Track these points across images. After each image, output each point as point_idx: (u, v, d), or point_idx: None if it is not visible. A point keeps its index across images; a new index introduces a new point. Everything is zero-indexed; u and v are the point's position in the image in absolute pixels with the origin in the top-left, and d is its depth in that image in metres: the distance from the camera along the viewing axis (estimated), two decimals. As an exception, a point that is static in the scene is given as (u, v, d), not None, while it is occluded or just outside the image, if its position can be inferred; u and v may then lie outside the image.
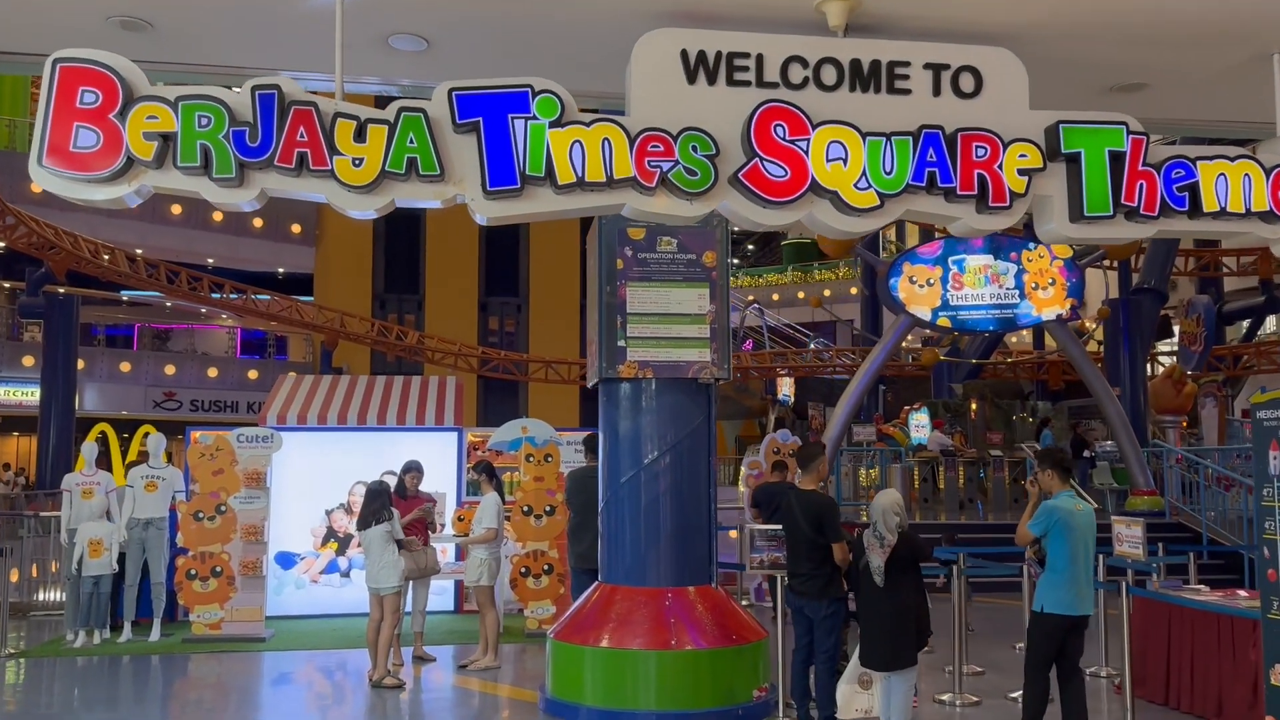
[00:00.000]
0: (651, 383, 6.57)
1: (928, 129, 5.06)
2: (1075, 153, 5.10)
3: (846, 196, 4.99)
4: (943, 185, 4.96)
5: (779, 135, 4.94)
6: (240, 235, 28.77)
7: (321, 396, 10.67)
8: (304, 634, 9.55)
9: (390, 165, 4.79)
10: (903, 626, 5.23)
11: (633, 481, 6.57)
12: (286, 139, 4.67)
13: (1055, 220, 5.25)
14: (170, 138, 4.58)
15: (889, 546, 5.17)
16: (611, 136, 4.87)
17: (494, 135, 4.80)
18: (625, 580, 6.57)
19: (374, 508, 7.40)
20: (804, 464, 5.94)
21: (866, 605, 5.39)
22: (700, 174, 4.93)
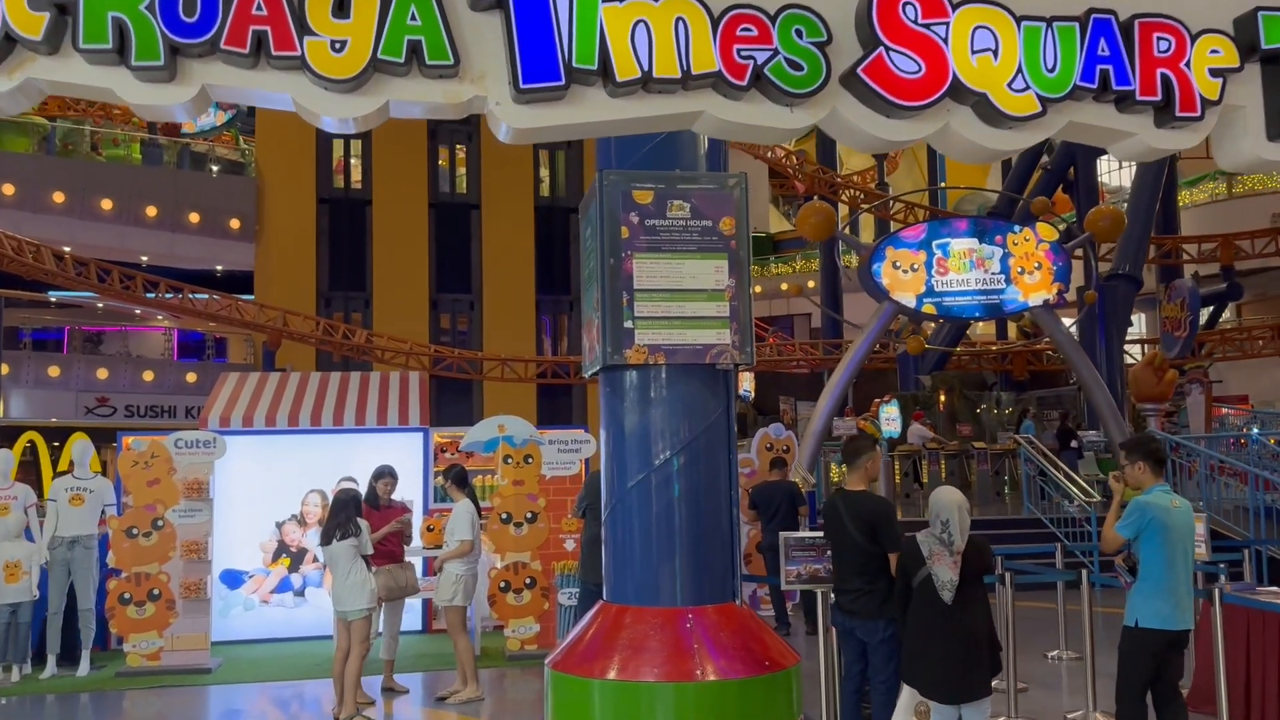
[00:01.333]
0: (663, 370, 5.67)
1: (1097, 14, 3.90)
2: (1277, 50, 3.99)
3: (998, 100, 3.80)
4: (1118, 88, 3.77)
5: (909, 17, 3.77)
6: (176, 231, 27.37)
7: (269, 396, 9.61)
8: (255, 662, 8.50)
9: (384, 51, 3.41)
10: (976, 650, 4.39)
11: (642, 485, 5.65)
12: (238, 11, 3.29)
13: (1248, 138, 4.14)
14: (69, 8, 3.20)
15: (959, 555, 4.33)
16: (688, 15, 3.69)
17: (528, 12, 3.59)
18: (635, 599, 5.65)
19: (340, 519, 6.43)
20: (850, 460, 5.09)
21: (924, 625, 4.53)
22: (807, 68, 3.75)
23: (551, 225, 30.04)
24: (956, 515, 4.36)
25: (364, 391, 9.83)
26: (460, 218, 29.82)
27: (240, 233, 28.25)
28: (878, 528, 4.82)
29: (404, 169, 28.63)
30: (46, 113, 30.89)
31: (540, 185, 30.14)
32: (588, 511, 6.61)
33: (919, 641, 4.54)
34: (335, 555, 6.40)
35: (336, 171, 28.89)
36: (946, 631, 4.43)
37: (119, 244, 26.66)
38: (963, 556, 4.37)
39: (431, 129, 28.99)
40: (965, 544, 4.38)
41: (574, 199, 29.91)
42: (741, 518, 7.41)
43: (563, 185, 30.40)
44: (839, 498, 5.06)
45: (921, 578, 4.46)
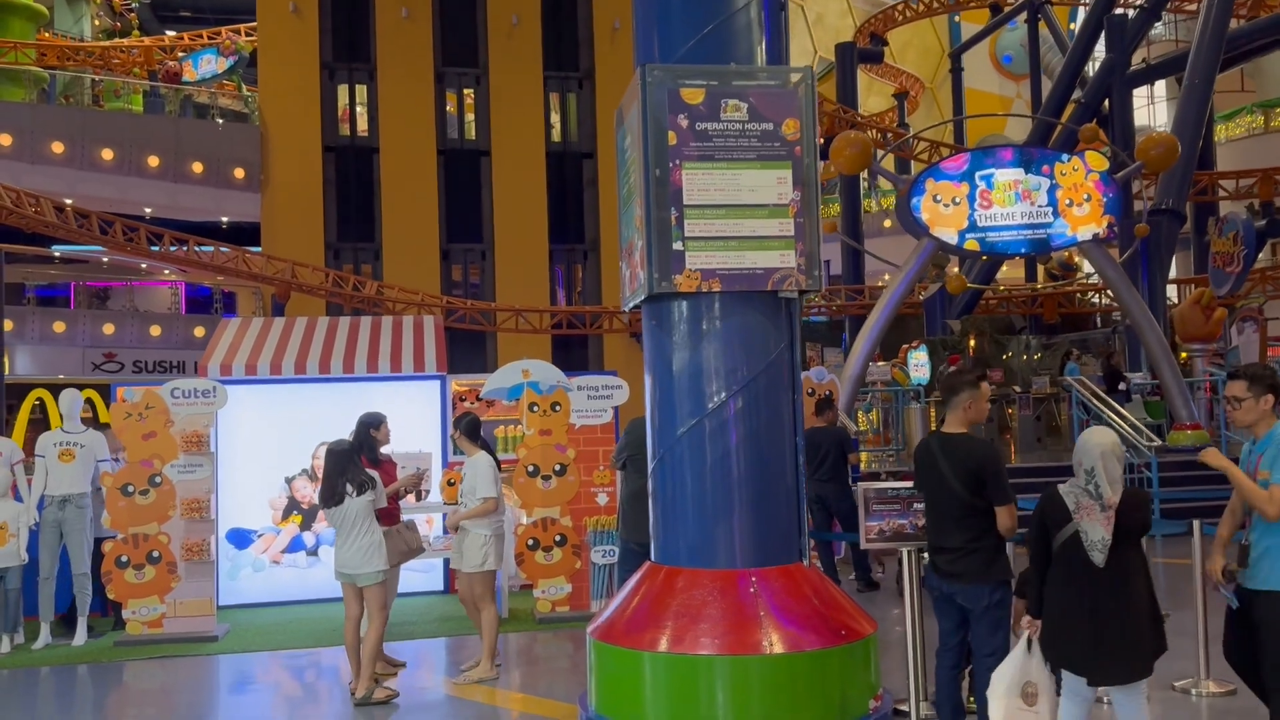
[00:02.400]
0: (716, 299, 4.94)
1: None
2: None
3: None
4: None
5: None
6: (179, 182, 26.59)
7: (273, 343, 8.92)
8: (266, 628, 7.89)
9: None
10: (1135, 623, 3.67)
11: (694, 433, 4.96)
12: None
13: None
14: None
15: (1112, 509, 3.60)
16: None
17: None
18: (688, 560, 4.98)
19: (347, 473, 5.75)
20: (948, 397, 4.36)
21: (1070, 593, 3.72)
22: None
23: (564, 171, 29.16)
24: (1102, 463, 3.62)
25: (375, 337, 9.12)
26: (470, 165, 28.96)
27: (245, 183, 27.48)
28: (984, 476, 4.11)
29: (411, 115, 27.72)
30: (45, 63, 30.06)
31: (551, 130, 29.19)
32: (628, 463, 5.91)
33: (1064, 612, 3.75)
34: (348, 514, 5.73)
35: (342, 120, 28.00)
36: (1098, 600, 3.67)
37: (121, 195, 25.98)
38: (1116, 511, 3.62)
39: (439, 73, 28.07)
40: (1119, 496, 3.64)
41: (586, 144, 29.00)
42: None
43: (574, 130, 29.44)
44: (935, 442, 4.34)
45: (1065, 537, 3.71)
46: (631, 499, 5.86)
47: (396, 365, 8.75)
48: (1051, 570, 3.80)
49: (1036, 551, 3.85)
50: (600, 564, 7.66)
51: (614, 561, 7.67)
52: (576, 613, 7.68)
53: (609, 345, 28.08)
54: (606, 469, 7.84)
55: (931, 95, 43.81)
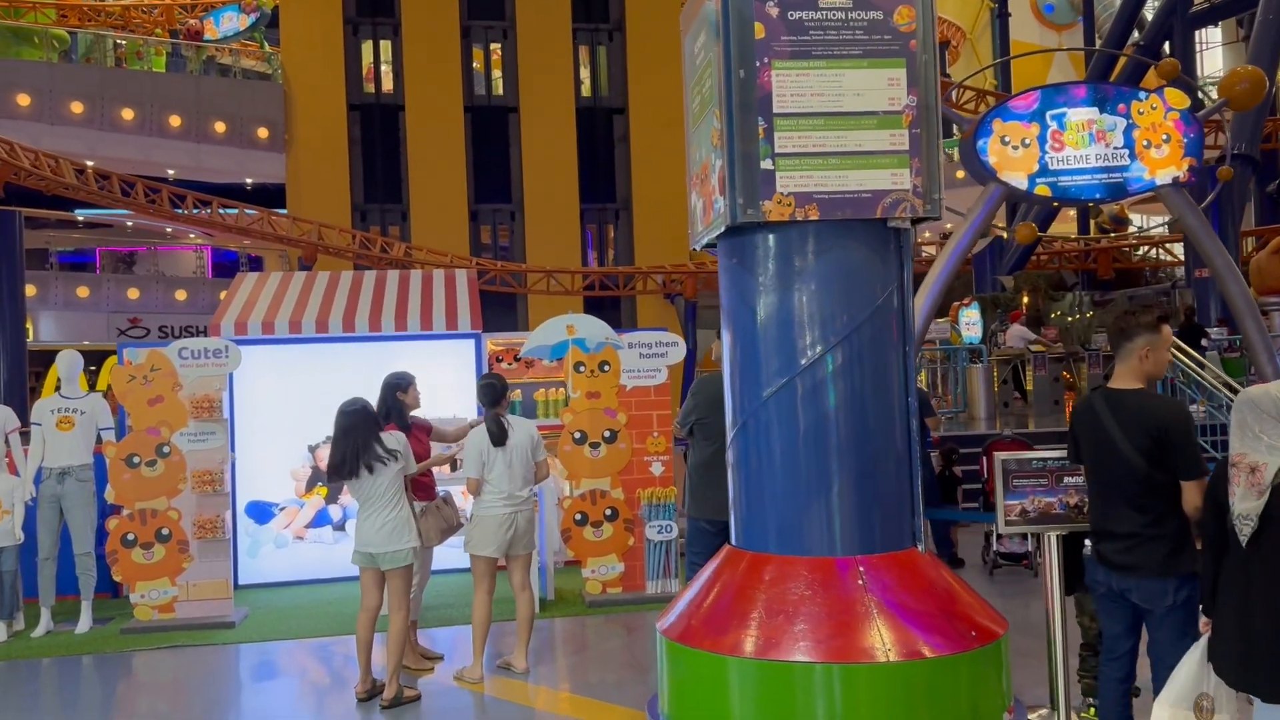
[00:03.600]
0: (812, 230, 4.07)
1: None
2: None
3: None
4: None
5: None
6: (201, 142, 25.94)
7: (293, 298, 8.14)
8: (288, 612, 7.18)
9: None
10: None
11: (784, 395, 4.11)
12: None
13: None
14: None
15: (1265, 483, 2.75)
16: None
17: None
18: (778, 546, 4.15)
19: (367, 439, 4.97)
20: (1118, 343, 3.49)
21: (1229, 582, 2.98)
22: None
23: (594, 128, 28.23)
24: (1255, 417, 2.77)
25: (404, 293, 8.33)
26: (498, 122, 28.10)
27: (269, 143, 26.79)
28: (1169, 443, 3.25)
29: (437, 71, 26.89)
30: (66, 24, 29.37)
31: (581, 86, 28.22)
32: (696, 428, 5.09)
33: (1223, 606, 2.99)
34: (375, 487, 4.96)
35: (366, 78, 27.18)
36: (1248, 594, 2.86)
37: (143, 156, 25.39)
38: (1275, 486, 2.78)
39: (464, 28, 27.19)
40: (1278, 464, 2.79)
41: (617, 99, 28.05)
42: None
43: (605, 85, 28.47)
44: (1101, 400, 3.48)
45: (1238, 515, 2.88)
46: (702, 470, 5.05)
47: (427, 323, 7.95)
48: (1225, 554, 2.97)
49: (1209, 533, 3.00)
50: (656, 540, 6.87)
51: (671, 538, 6.89)
52: (630, 594, 6.92)
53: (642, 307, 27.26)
54: (661, 435, 7.03)
55: (971, 46, 42.28)
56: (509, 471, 5.30)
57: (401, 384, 5.66)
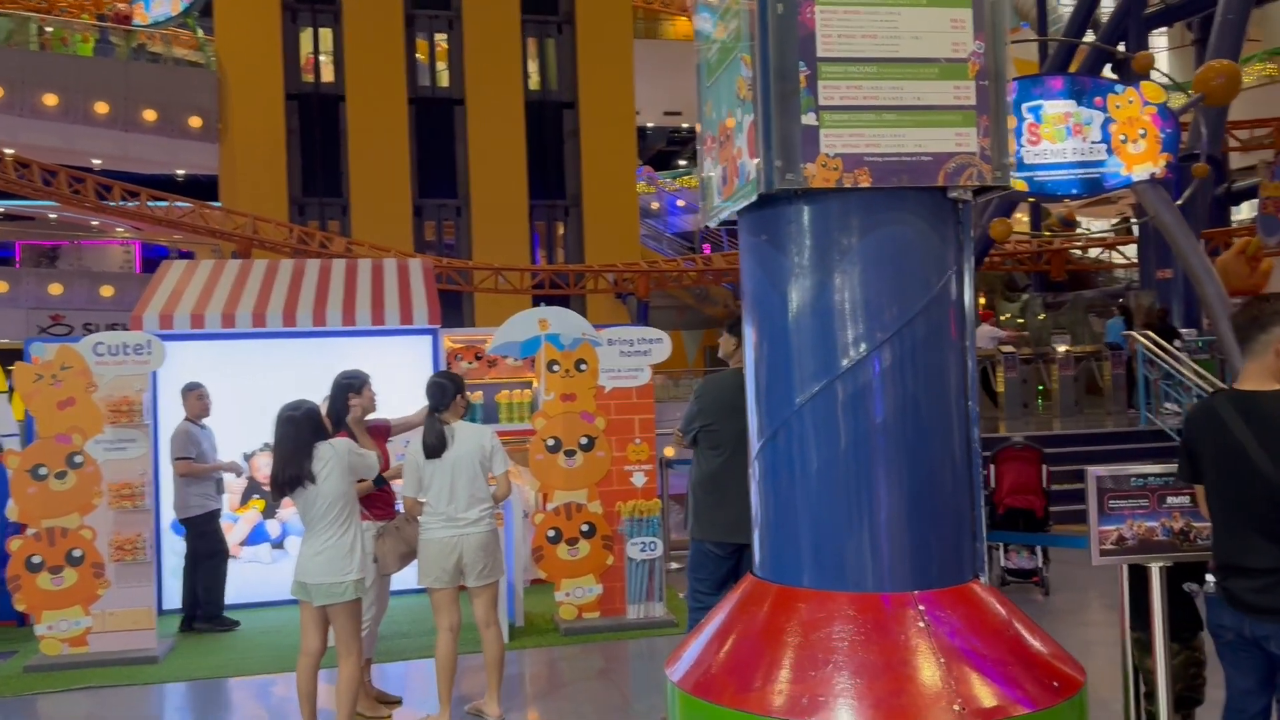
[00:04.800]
0: (859, 201, 3.40)
1: None
2: None
3: None
4: None
5: None
6: (129, 131, 24.67)
7: (226, 288, 7.29)
8: (221, 643, 6.35)
9: None
10: None
11: (822, 401, 3.42)
12: None
13: None
14: None
15: None
16: None
17: None
18: (814, 579, 3.46)
19: (311, 447, 4.21)
20: (1249, 336, 2.87)
21: None
22: None
23: (543, 122, 27.46)
24: None
25: (351, 284, 7.52)
26: (443, 115, 27.23)
27: (202, 132, 25.59)
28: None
29: (379, 62, 25.96)
30: (-15, 7, 27.88)
31: (529, 79, 27.45)
32: (701, 436, 4.40)
33: None
34: (320, 500, 4.19)
35: (305, 66, 26.16)
36: None
37: (66, 145, 24.08)
38: None
39: (408, 17, 26.28)
40: None
41: (566, 93, 27.33)
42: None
43: (554, 77, 27.71)
44: (1228, 404, 2.85)
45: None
46: (708, 484, 4.36)
47: (379, 317, 7.16)
48: None
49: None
50: (639, 560, 6.17)
51: (655, 556, 6.20)
52: (609, 620, 6.21)
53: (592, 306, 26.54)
54: (644, 442, 6.33)
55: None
56: (449, 489, 4.50)
57: (355, 384, 4.89)
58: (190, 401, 6.62)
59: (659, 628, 6.13)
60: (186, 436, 6.53)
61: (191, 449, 6.50)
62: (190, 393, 6.63)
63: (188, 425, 6.59)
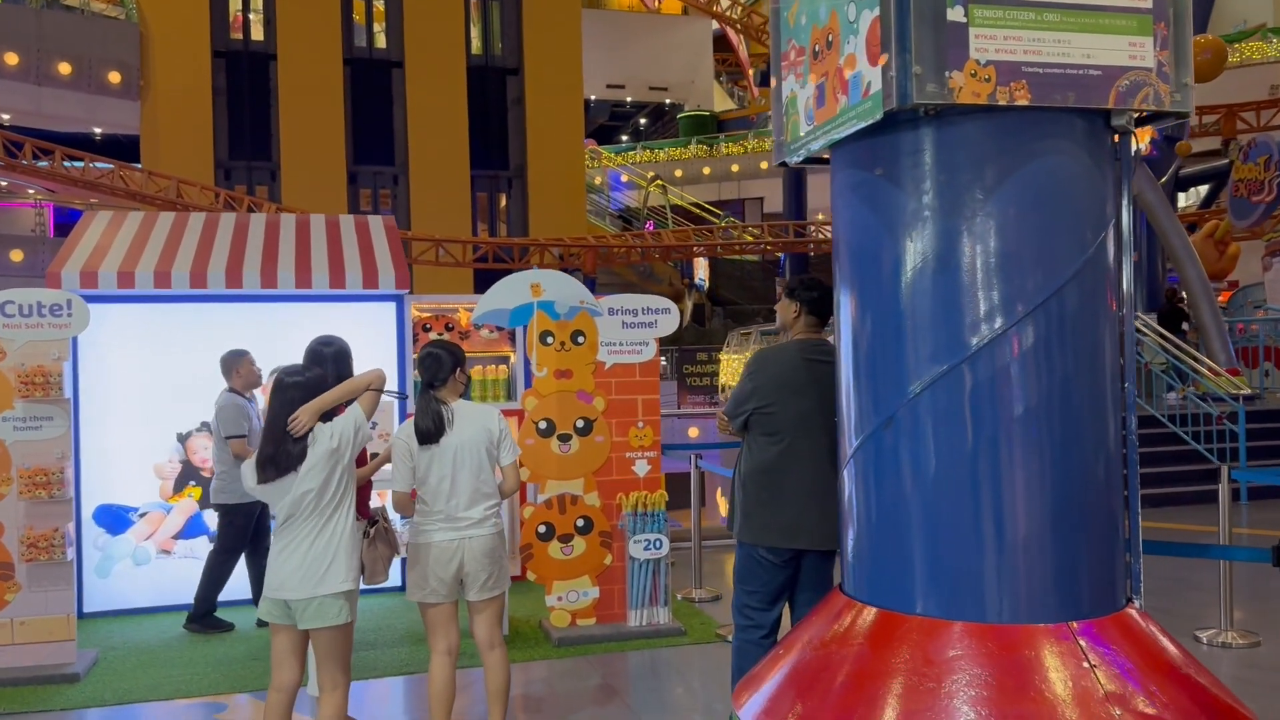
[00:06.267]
0: (1007, 126, 2.70)
1: None
2: None
3: None
4: None
5: None
6: (42, 84, 23.06)
7: (159, 243, 6.31)
8: (154, 654, 5.45)
9: None
10: None
11: (945, 390, 2.76)
12: None
13: None
14: None
15: None
16: None
17: None
18: (936, 605, 2.77)
19: (295, 394, 3.40)
20: None
21: None
22: None
23: (486, 89, 26.39)
24: None
25: (304, 241, 6.60)
26: (380, 77, 26.03)
27: (121, 89, 24.05)
28: None
29: (312, 20, 24.71)
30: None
31: (471, 43, 26.38)
32: (755, 420, 3.66)
33: None
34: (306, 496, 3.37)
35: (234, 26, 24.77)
36: None
37: (-29, 99, 22.42)
38: None
39: (344, -28, 25.02)
40: None
41: (510, 59, 26.30)
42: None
43: (497, 42, 26.65)
44: None
45: None
46: (761, 478, 3.62)
47: (338, 279, 6.26)
48: None
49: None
50: (642, 559, 5.42)
51: (660, 555, 5.46)
52: (607, 628, 5.45)
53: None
54: (647, 426, 5.57)
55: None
56: (449, 482, 3.71)
57: (347, 352, 4.06)
58: (243, 370, 5.66)
59: (664, 637, 5.40)
60: (238, 410, 5.59)
61: (244, 425, 5.58)
62: (238, 360, 5.67)
63: (234, 397, 5.63)
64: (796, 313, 3.76)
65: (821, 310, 3.74)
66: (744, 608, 3.74)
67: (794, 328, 3.76)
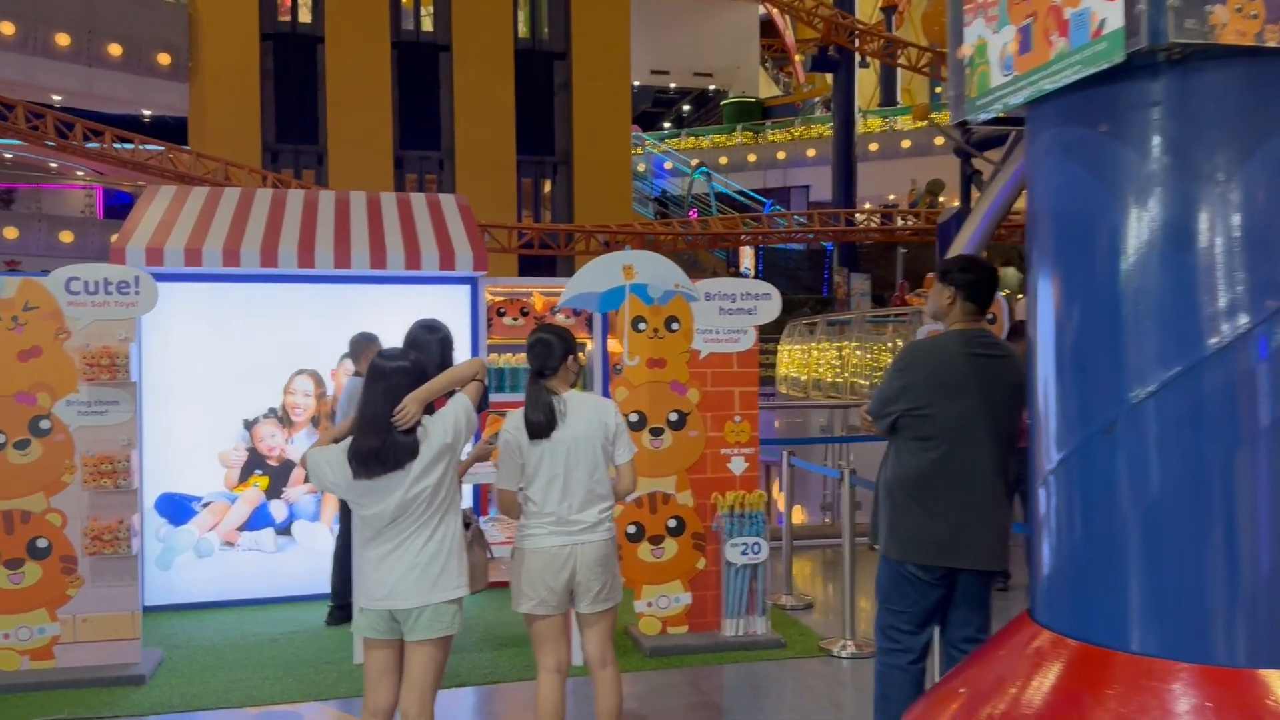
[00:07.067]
0: (1267, 74, 2.26)
1: None
2: None
3: None
4: None
5: None
6: (94, 66, 22.98)
7: (225, 220, 6.00)
8: (219, 654, 5.15)
9: None
10: None
11: (1174, 395, 2.33)
12: None
13: None
14: None
15: None
16: None
17: None
18: (1156, 643, 2.36)
19: (401, 380, 3.07)
20: None
21: None
22: None
23: (533, 73, 26.03)
24: None
25: (376, 220, 6.27)
26: (427, 61, 25.76)
27: (171, 70, 23.94)
28: None
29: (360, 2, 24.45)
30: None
31: (519, 26, 26.03)
32: (904, 423, 3.25)
33: None
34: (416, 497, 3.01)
35: (282, 8, 24.60)
36: None
37: (24, 78, 22.39)
38: None
39: (389, -45, 24.75)
40: None
41: (558, 43, 25.92)
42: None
43: (544, 26, 26.27)
44: None
45: None
46: (912, 488, 3.22)
47: (414, 260, 5.92)
48: None
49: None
50: (739, 565, 5.03)
51: (759, 560, 5.07)
52: (700, 637, 5.08)
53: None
54: (745, 420, 5.17)
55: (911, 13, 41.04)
56: (561, 481, 3.36)
57: (451, 339, 3.69)
58: (373, 354, 5.33)
59: (762, 649, 5.02)
60: None
61: None
62: (370, 344, 5.36)
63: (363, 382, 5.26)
64: (951, 299, 3.35)
65: (981, 296, 3.33)
66: (889, 629, 3.34)
67: (949, 316, 3.35)
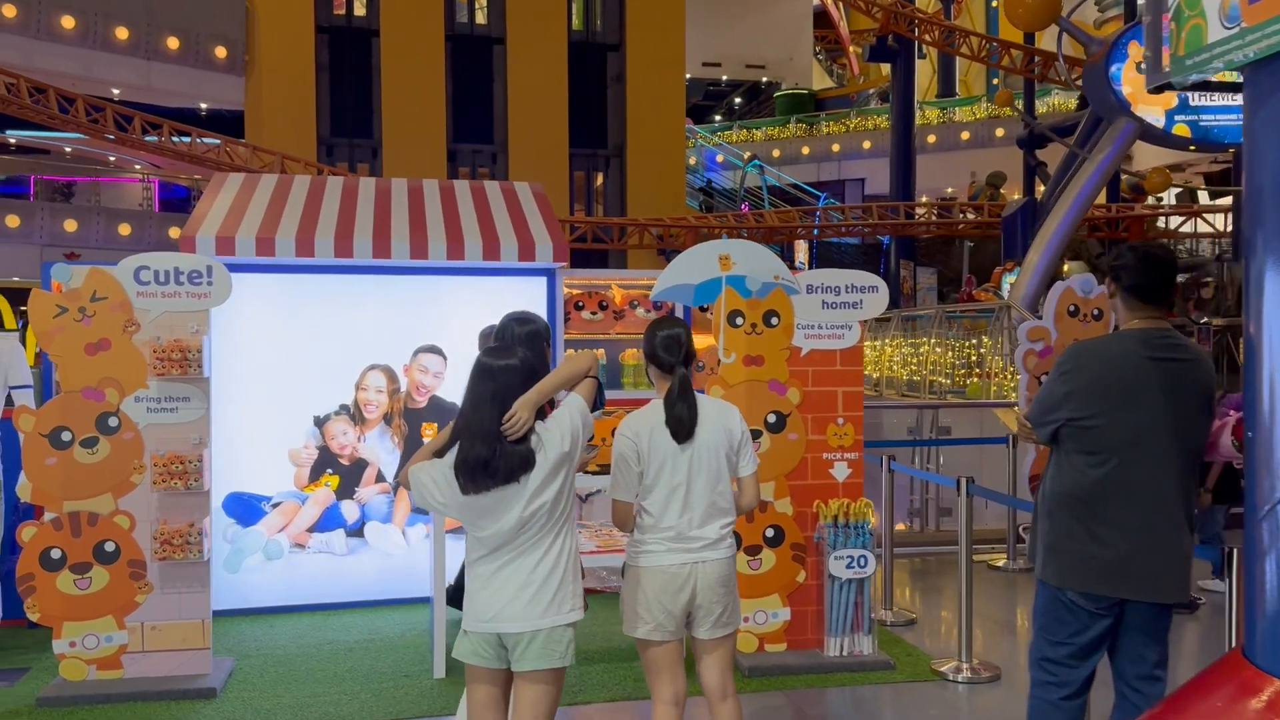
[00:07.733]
0: None
1: None
2: None
3: None
4: None
5: None
6: (152, 59, 23.09)
7: (297, 209, 5.75)
8: (292, 663, 4.90)
9: None
10: None
11: None
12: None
13: None
14: None
15: None
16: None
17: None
18: None
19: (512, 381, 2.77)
20: None
21: None
22: None
23: (586, 66, 25.77)
24: None
25: (451, 209, 6.00)
26: (481, 54, 25.57)
27: (227, 64, 23.99)
28: None
29: (416, -7, 24.36)
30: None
31: (572, 19, 25.80)
32: (1067, 433, 2.89)
33: None
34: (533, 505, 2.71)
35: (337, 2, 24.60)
36: None
37: (84, 72, 22.56)
38: None
39: (445, -51, 24.64)
40: None
41: (611, 35, 25.64)
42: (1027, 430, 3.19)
43: (598, 18, 26.00)
44: None
45: None
46: (1076, 506, 2.87)
47: (492, 251, 5.64)
48: None
49: None
50: (844, 579, 4.69)
51: (866, 575, 4.72)
52: (802, 655, 4.74)
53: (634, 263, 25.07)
54: (848, 423, 4.82)
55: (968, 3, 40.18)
56: (683, 493, 3.04)
57: (545, 333, 3.39)
58: None
59: (869, 671, 4.67)
60: None
61: None
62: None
63: None
64: (1113, 293, 2.99)
65: (1152, 295, 2.96)
66: (1045, 661, 2.99)
67: (1119, 315, 2.99)
